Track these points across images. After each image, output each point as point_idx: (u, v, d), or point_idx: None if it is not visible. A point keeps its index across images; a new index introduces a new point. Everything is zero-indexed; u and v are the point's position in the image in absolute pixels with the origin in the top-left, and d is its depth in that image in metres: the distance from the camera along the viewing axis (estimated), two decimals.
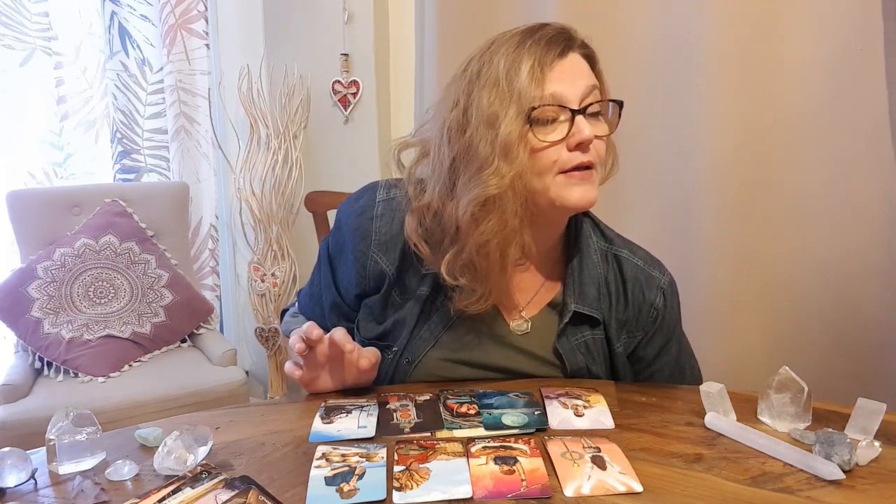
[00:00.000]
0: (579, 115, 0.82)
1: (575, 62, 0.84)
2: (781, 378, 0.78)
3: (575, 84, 0.82)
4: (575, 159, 0.82)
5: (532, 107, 0.80)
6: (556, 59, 0.82)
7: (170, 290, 2.03)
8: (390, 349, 0.93)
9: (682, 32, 1.49)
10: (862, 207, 1.36)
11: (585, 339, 0.93)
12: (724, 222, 1.48)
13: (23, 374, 1.80)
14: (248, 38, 2.36)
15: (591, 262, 0.94)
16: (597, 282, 0.93)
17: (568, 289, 0.93)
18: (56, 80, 2.21)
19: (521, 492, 0.65)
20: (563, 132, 0.82)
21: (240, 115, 2.31)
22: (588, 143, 0.82)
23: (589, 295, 0.93)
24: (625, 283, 0.95)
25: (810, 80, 1.36)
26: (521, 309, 0.94)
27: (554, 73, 0.82)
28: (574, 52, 0.85)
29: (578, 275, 0.93)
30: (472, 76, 0.84)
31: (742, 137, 1.44)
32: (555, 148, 0.82)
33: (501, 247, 0.84)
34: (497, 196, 0.81)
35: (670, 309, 0.96)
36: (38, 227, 2.00)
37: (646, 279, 0.95)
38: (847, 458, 0.67)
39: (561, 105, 0.82)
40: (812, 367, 1.32)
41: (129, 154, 2.34)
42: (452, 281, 0.87)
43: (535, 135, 0.81)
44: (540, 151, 0.82)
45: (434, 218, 0.88)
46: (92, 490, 0.66)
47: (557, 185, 0.83)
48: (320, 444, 0.75)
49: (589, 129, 0.82)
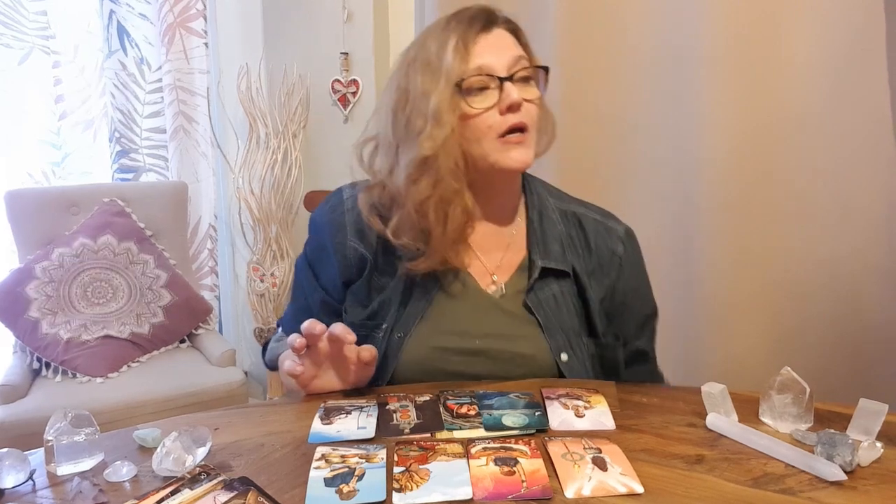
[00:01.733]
0: (507, 81, 0.90)
1: (499, 35, 0.93)
2: (783, 379, 0.77)
3: (501, 55, 0.91)
4: (508, 121, 0.90)
5: (461, 79, 0.89)
6: (480, 33, 0.91)
7: (168, 291, 2.03)
8: (380, 327, 0.96)
9: (684, 32, 1.49)
10: (863, 207, 1.36)
11: (554, 292, 0.98)
12: (725, 222, 1.48)
13: (21, 375, 1.79)
14: (247, 37, 2.36)
15: (550, 221, 1.00)
16: (559, 238, 1.00)
17: (533, 248, 0.98)
18: (54, 79, 2.21)
19: (522, 493, 0.64)
20: (495, 98, 0.90)
21: (239, 115, 2.31)
22: (518, 105, 0.89)
23: (553, 251, 0.98)
24: (586, 236, 1.01)
25: (812, 79, 1.36)
26: (493, 274, 0.99)
27: (479, 47, 0.91)
28: (498, 28, 0.93)
29: (541, 234, 0.99)
30: (410, 60, 0.93)
31: (743, 137, 1.44)
32: (489, 113, 0.90)
33: (441, 207, 0.91)
34: (431, 157, 0.89)
35: (631, 253, 1.03)
36: (37, 226, 2.00)
37: (605, 230, 1.02)
38: (849, 459, 0.67)
39: (489, 74, 0.90)
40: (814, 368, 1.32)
41: (128, 153, 2.33)
42: (396, 240, 0.94)
43: (468, 103, 0.90)
44: (475, 118, 0.90)
45: (384, 192, 0.95)
46: (90, 491, 0.65)
47: (495, 149, 0.90)
48: (319, 445, 0.74)
49: (517, 92, 0.89)
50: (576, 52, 1.65)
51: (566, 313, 0.97)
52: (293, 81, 2.27)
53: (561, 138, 1.71)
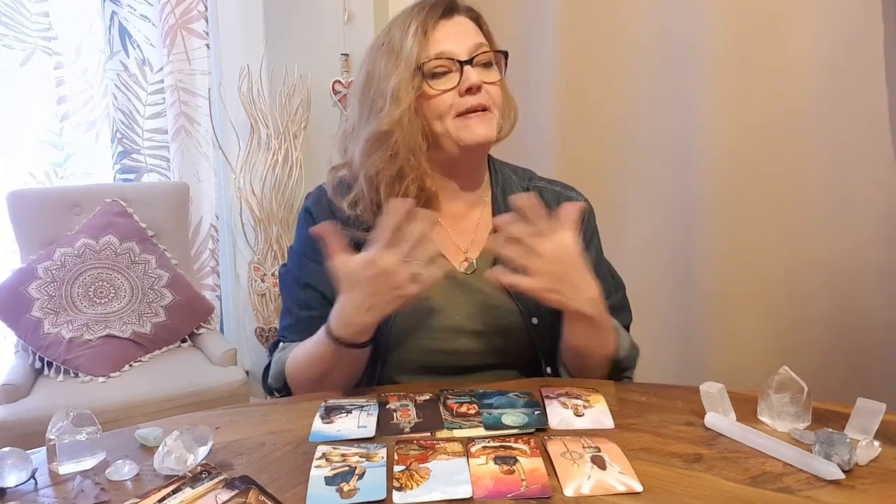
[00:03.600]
0: (467, 64, 0.94)
1: (460, 22, 0.98)
2: (781, 378, 0.78)
3: (461, 41, 0.96)
4: (468, 101, 0.94)
5: (421, 62, 0.93)
6: (441, 19, 0.96)
7: (170, 290, 2.03)
8: None
9: (683, 32, 1.49)
10: (862, 207, 1.36)
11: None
12: (724, 222, 1.48)
13: (23, 374, 1.80)
14: (248, 38, 2.36)
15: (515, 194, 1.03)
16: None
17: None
18: (56, 80, 2.21)
19: (521, 492, 0.65)
20: (455, 81, 0.94)
21: (240, 116, 2.31)
22: (477, 87, 0.94)
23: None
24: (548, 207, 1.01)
25: (811, 80, 1.36)
26: (465, 251, 1.03)
27: (440, 33, 0.95)
28: (460, 15, 0.98)
29: (505, 208, 1.00)
30: (377, 47, 0.98)
31: (742, 137, 1.44)
32: (450, 94, 0.95)
33: (395, 181, 0.95)
34: (387, 132, 0.93)
35: (588, 221, 1.06)
36: (39, 227, 2.00)
37: (566, 200, 1.04)
38: (847, 458, 0.67)
39: (449, 58, 0.94)
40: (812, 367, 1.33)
41: (130, 154, 2.34)
42: (351, 210, 0.98)
43: (430, 86, 0.94)
44: (436, 98, 0.95)
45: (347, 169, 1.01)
46: (92, 490, 0.66)
47: (457, 126, 0.95)
48: (320, 443, 0.75)
49: (476, 75, 0.94)
50: (576, 52, 1.65)
51: None
52: (294, 82, 2.27)
53: (560, 138, 1.72)
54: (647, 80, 1.58)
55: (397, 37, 0.95)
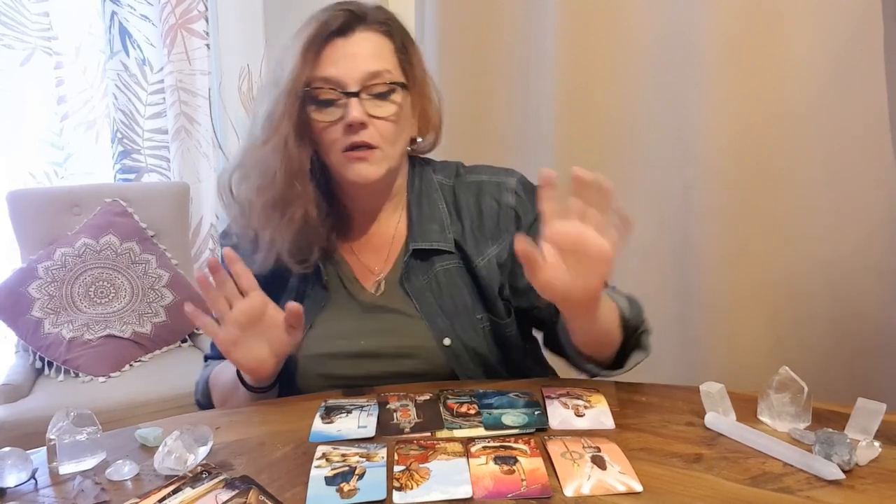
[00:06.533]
0: (353, 97, 0.86)
1: (360, 41, 0.88)
2: (781, 378, 0.78)
3: (354, 66, 0.86)
4: (349, 139, 0.87)
5: (308, 85, 0.86)
6: (336, 37, 0.87)
7: (170, 290, 2.03)
8: None
9: (683, 32, 1.49)
10: (862, 207, 1.36)
11: (436, 272, 0.95)
12: (724, 222, 1.48)
13: (23, 374, 1.80)
14: (248, 39, 2.36)
15: (430, 201, 0.98)
16: (439, 217, 0.97)
17: (410, 233, 0.97)
18: (56, 80, 2.22)
19: (521, 492, 0.65)
20: (339, 114, 0.87)
21: (240, 115, 2.31)
22: (359, 125, 0.86)
23: (430, 230, 0.96)
24: (476, 200, 0.97)
25: (810, 80, 1.36)
26: (378, 272, 0.98)
27: (332, 54, 0.86)
28: (365, 31, 0.88)
29: (417, 217, 0.97)
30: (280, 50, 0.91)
31: (742, 137, 1.44)
32: (334, 128, 0.87)
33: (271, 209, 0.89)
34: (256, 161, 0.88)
35: (526, 200, 0.97)
36: (39, 227, 2.00)
37: (494, 187, 0.98)
38: (847, 458, 0.67)
39: (334, 87, 0.86)
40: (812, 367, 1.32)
41: (130, 154, 2.34)
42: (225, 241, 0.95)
43: (313, 115, 0.87)
44: (322, 131, 0.88)
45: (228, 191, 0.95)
46: (92, 490, 0.66)
47: (340, 163, 0.89)
48: (320, 443, 0.75)
49: (359, 110, 0.85)
50: (575, 53, 1.65)
51: (451, 293, 0.95)
52: None
53: (559, 139, 1.72)
54: (646, 79, 1.58)
55: (290, 47, 0.88)
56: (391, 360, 0.94)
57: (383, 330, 0.94)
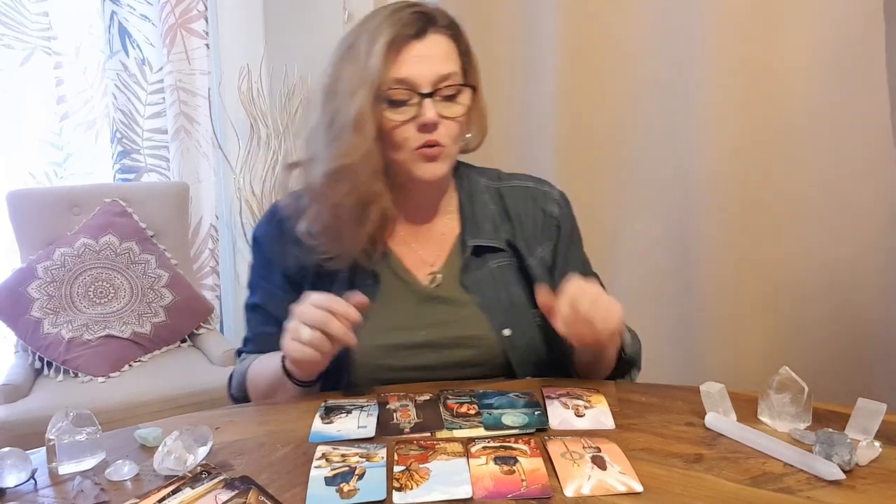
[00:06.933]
0: (427, 98, 0.89)
1: (433, 44, 0.91)
2: (781, 378, 0.78)
3: (428, 68, 0.90)
4: (422, 138, 0.90)
5: (382, 87, 0.88)
6: (412, 40, 0.90)
7: (170, 290, 2.03)
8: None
9: (683, 33, 1.49)
10: (862, 209, 1.36)
11: (491, 268, 0.99)
12: (725, 224, 1.48)
13: (23, 374, 1.79)
14: (248, 38, 2.35)
15: (480, 201, 1.02)
16: (491, 217, 1.01)
17: (465, 230, 1.00)
18: (56, 80, 2.21)
19: (521, 492, 0.65)
20: (413, 113, 0.90)
21: (240, 115, 2.31)
22: (434, 125, 0.90)
23: (485, 228, 1.00)
24: (524, 204, 1.02)
25: (811, 81, 1.36)
26: (431, 264, 1.00)
27: (407, 55, 0.89)
28: (435, 33, 0.92)
29: (471, 215, 1.00)
30: (344, 49, 0.93)
31: (742, 139, 1.44)
32: (405, 126, 0.90)
33: (357, 208, 0.91)
34: (348, 165, 0.89)
35: (567, 217, 1.04)
36: (38, 226, 2.00)
37: (541, 195, 1.04)
38: (847, 459, 0.67)
39: (410, 88, 0.89)
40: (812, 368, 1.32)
41: (129, 154, 2.34)
42: (309, 240, 0.94)
43: (386, 114, 0.90)
44: (393, 129, 0.91)
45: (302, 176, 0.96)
46: (92, 490, 0.66)
47: (410, 160, 0.92)
48: (320, 444, 0.75)
49: (433, 112, 0.89)
50: (576, 54, 1.65)
51: (507, 288, 0.98)
52: (294, 82, 2.27)
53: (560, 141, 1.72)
54: (646, 80, 1.58)
55: (363, 47, 0.89)
56: (449, 350, 0.95)
57: (442, 321, 0.96)
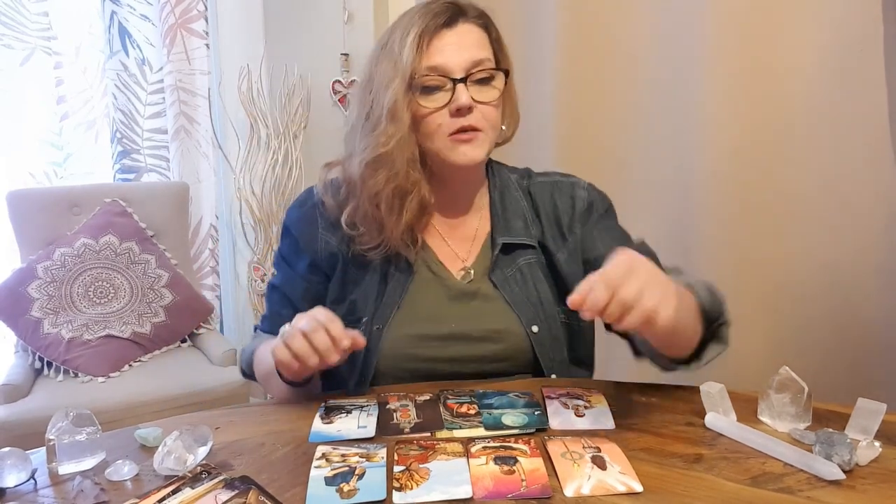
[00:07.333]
0: (460, 83, 0.90)
1: (464, 32, 0.93)
2: (781, 378, 0.78)
3: (459, 54, 0.91)
4: (458, 123, 0.91)
5: (414, 75, 0.90)
6: (442, 28, 0.91)
7: (170, 290, 2.03)
8: (360, 321, 0.96)
9: (683, 33, 1.49)
10: (862, 209, 1.36)
11: (520, 266, 1.00)
12: (725, 224, 1.48)
13: (23, 374, 1.79)
14: (248, 38, 2.36)
15: (512, 198, 1.03)
16: (521, 214, 1.02)
17: (495, 227, 1.01)
18: (56, 80, 2.21)
19: (521, 492, 0.65)
20: (446, 99, 0.91)
21: (240, 115, 2.31)
22: (468, 109, 0.91)
23: (515, 226, 1.01)
24: (551, 197, 1.03)
25: (811, 81, 1.36)
26: (464, 259, 1.01)
27: (438, 43, 0.91)
28: (466, 23, 0.93)
29: (502, 212, 1.02)
30: (380, 46, 0.95)
31: (742, 139, 1.44)
32: (439, 113, 0.91)
33: (396, 198, 0.93)
34: (385, 154, 0.91)
35: (599, 198, 1.04)
36: (38, 226, 2.00)
37: (568, 185, 1.04)
38: (847, 459, 0.67)
39: (442, 74, 0.91)
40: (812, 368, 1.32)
41: (129, 154, 2.34)
42: (350, 230, 0.96)
43: (419, 101, 0.91)
44: (427, 117, 0.92)
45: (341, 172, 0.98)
46: (92, 490, 0.66)
47: (445, 147, 0.93)
48: (320, 444, 0.75)
49: (467, 95, 0.90)
50: (576, 52, 1.65)
51: (535, 285, 0.99)
52: (294, 82, 2.27)
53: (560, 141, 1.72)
54: (647, 80, 1.58)
55: (397, 41, 0.92)
56: (477, 343, 0.96)
57: (472, 315, 0.98)
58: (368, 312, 0.97)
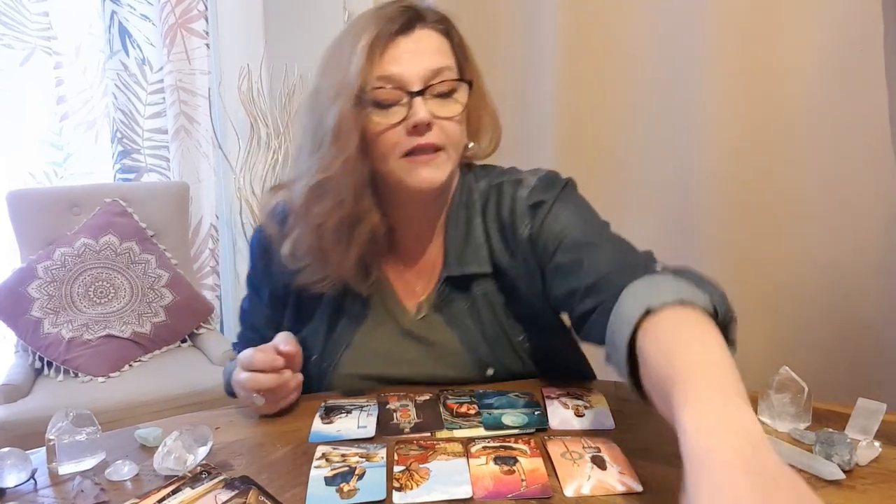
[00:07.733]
0: (418, 96, 0.79)
1: (422, 38, 0.82)
2: (781, 378, 0.78)
3: (416, 63, 0.80)
4: (414, 142, 0.80)
5: (364, 88, 0.79)
6: (397, 35, 0.80)
7: (170, 290, 2.03)
8: (309, 359, 0.92)
9: (683, 32, 1.49)
10: (862, 208, 1.36)
11: (475, 297, 0.90)
12: (725, 224, 1.48)
13: (23, 374, 1.80)
14: (248, 38, 2.36)
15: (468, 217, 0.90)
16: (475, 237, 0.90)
17: (446, 258, 0.90)
18: (56, 80, 2.22)
19: (521, 492, 0.65)
20: (402, 115, 0.80)
21: (240, 115, 2.31)
22: (425, 126, 0.79)
23: (466, 254, 0.89)
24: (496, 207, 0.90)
25: (811, 81, 1.36)
26: (420, 294, 0.92)
27: (393, 51, 0.80)
28: (423, 28, 0.82)
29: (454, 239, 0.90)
30: (328, 56, 0.85)
31: (742, 139, 1.44)
32: (394, 131, 0.80)
33: (343, 228, 0.83)
34: (328, 179, 0.80)
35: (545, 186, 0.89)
36: (38, 226, 2.00)
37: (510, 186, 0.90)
38: (847, 459, 0.67)
39: (397, 87, 0.79)
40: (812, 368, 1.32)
41: (130, 154, 2.34)
42: (293, 262, 0.87)
43: (372, 117, 0.80)
44: (379, 135, 0.80)
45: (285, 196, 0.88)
46: (92, 490, 0.66)
47: (401, 168, 0.81)
48: (320, 444, 0.75)
49: (425, 110, 0.79)
50: (576, 52, 1.65)
51: (493, 317, 0.90)
52: (294, 82, 2.27)
53: (560, 141, 1.71)
54: (647, 80, 1.58)
55: (346, 49, 0.80)
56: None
57: (423, 359, 0.91)
58: (317, 349, 0.92)
